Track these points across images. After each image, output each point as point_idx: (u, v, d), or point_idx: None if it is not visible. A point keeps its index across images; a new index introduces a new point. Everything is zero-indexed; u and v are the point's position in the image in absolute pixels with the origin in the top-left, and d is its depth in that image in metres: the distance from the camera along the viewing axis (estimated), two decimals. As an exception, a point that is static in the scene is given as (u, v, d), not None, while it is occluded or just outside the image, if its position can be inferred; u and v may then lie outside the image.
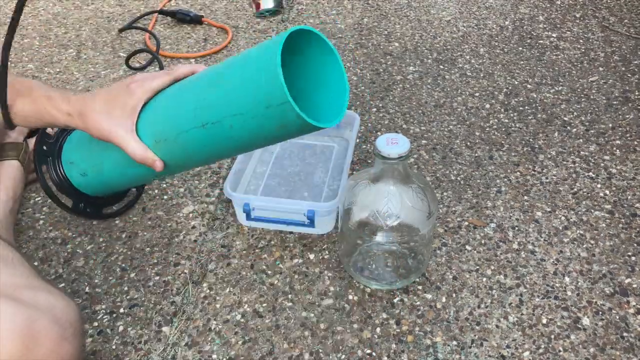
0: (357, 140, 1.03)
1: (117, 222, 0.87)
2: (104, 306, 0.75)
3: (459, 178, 0.96)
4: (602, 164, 0.99)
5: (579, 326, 0.73)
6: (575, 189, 0.94)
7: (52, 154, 0.78)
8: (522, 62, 1.26)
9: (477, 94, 1.16)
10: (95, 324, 0.73)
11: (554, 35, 1.37)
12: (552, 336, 0.72)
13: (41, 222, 0.88)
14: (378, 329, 0.73)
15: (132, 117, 0.65)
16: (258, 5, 1.18)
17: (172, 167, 0.68)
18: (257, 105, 0.57)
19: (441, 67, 1.25)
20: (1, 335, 0.50)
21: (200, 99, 0.62)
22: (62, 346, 0.55)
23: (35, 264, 0.81)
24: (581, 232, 0.86)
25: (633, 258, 0.82)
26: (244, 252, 0.83)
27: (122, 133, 0.64)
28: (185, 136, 0.63)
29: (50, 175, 0.78)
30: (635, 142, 1.04)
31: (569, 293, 0.77)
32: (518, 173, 0.97)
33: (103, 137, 0.65)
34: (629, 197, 0.92)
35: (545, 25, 1.41)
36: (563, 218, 0.89)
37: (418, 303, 0.76)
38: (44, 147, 0.78)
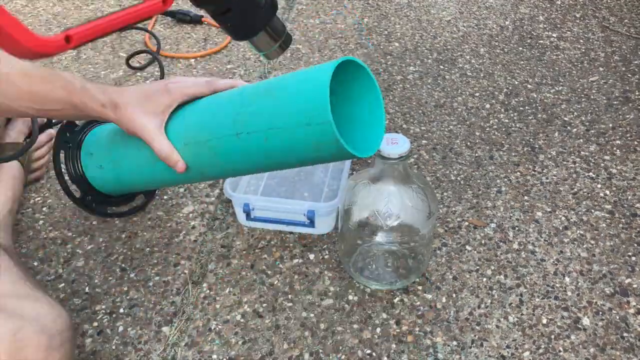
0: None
1: (116, 222, 0.87)
2: (103, 306, 0.75)
3: (459, 178, 0.96)
4: (602, 164, 0.99)
5: (579, 326, 0.73)
6: (576, 189, 0.94)
7: (73, 142, 0.78)
8: (522, 62, 1.26)
9: (477, 94, 1.16)
10: (95, 324, 0.73)
11: (554, 35, 1.37)
12: (552, 336, 0.72)
13: (41, 222, 0.88)
14: (378, 329, 0.72)
15: (164, 115, 0.65)
16: None
17: (193, 173, 0.67)
18: (297, 121, 0.56)
19: (441, 67, 1.25)
20: None
21: (241, 108, 0.61)
22: (50, 356, 0.55)
23: (35, 264, 0.81)
24: (581, 232, 0.86)
25: (633, 258, 0.82)
26: (244, 252, 0.83)
27: (152, 127, 0.64)
28: (216, 142, 0.63)
29: (67, 163, 0.78)
30: (636, 142, 1.04)
31: (569, 293, 0.77)
32: (518, 173, 0.97)
33: (132, 131, 0.65)
34: (629, 197, 0.92)
35: (545, 25, 1.40)
36: (563, 218, 0.88)
37: (418, 303, 0.76)
38: (67, 134, 0.77)
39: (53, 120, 0.98)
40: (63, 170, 0.78)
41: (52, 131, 0.95)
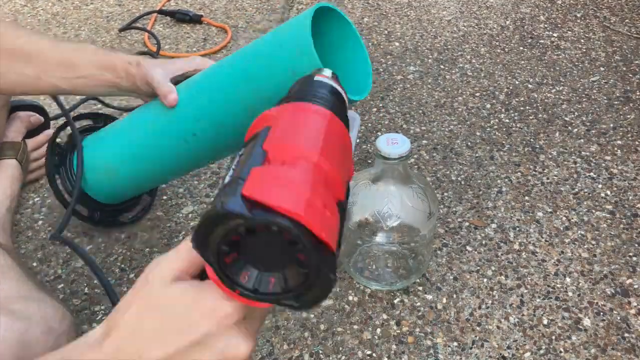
0: (357, 140, 1.02)
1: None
2: (103, 307, 0.75)
3: (459, 178, 0.96)
4: (603, 164, 0.99)
5: (580, 327, 0.73)
6: (577, 189, 0.94)
7: (64, 163, 0.77)
8: (523, 62, 1.26)
9: (477, 94, 1.16)
10: (95, 324, 0.73)
11: (555, 35, 1.36)
12: (553, 337, 0.72)
13: (40, 222, 0.87)
14: (378, 330, 0.72)
15: (174, 69, 0.72)
16: None
17: (188, 111, 0.68)
18: (285, 70, 0.58)
19: (442, 66, 1.24)
20: None
21: (237, 64, 0.65)
22: None
23: (34, 264, 0.81)
24: (582, 232, 0.86)
25: (634, 258, 0.82)
26: (244, 252, 0.83)
27: (160, 75, 0.69)
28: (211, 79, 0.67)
29: (64, 184, 0.77)
30: (637, 142, 1.03)
31: (570, 294, 0.77)
32: (519, 173, 0.97)
33: (145, 80, 0.69)
34: (630, 198, 0.92)
35: (546, 25, 1.40)
36: (564, 218, 0.88)
37: (418, 304, 0.76)
38: (56, 157, 0.77)
39: (50, 121, 0.98)
40: (65, 195, 0.77)
41: (51, 132, 0.95)
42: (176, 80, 0.70)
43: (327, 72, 0.46)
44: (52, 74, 0.69)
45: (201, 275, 0.37)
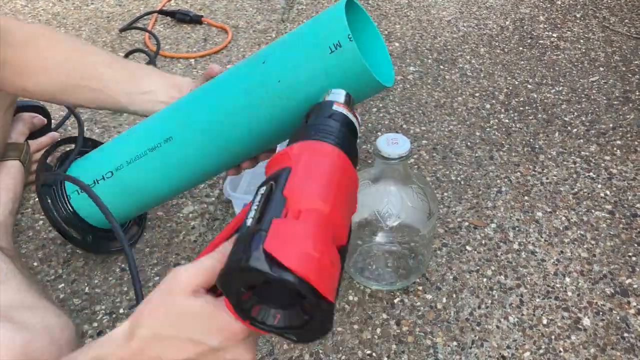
0: (357, 141, 1.02)
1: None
2: (103, 307, 0.75)
3: (459, 178, 0.96)
4: (602, 164, 0.99)
5: (580, 327, 0.73)
6: (576, 189, 0.94)
7: (55, 183, 0.73)
8: (522, 62, 1.26)
9: (477, 94, 1.16)
10: (95, 324, 0.73)
11: (555, 35, 1.36)
12: (553, 337, 0.72)
13: (41, 222, 0.87)
14: (378, 330, 0.72)
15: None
16: None
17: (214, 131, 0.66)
18: (316, 45, 0.59)
19: (441, 67, 1.25)
20: None
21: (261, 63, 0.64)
22: None
23: (35, 264, 0.81)
24: (582, 232, 0.86)
25: (634, 258, 0.82)
26: (244, 252, 0.83)
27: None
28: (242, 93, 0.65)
29: (56, 206, 0.73)
30: (636, 143, 1.03)
31: (569, 293, 0.77)
32: (518, 173, 0.97)
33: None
34: (630, 198, 0.92)
35: (545, 25, 1.40)
36: (563, 218, 0.88)
37: (418, 303, 0.76)
38: (47, 177, 0.74)
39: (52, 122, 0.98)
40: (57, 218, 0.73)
41: (55, 134, 0.95)
42: None
43: (341, 96, 0.52)
44: (118, 87, 0.70)
45: (214, 288, 0.42)
